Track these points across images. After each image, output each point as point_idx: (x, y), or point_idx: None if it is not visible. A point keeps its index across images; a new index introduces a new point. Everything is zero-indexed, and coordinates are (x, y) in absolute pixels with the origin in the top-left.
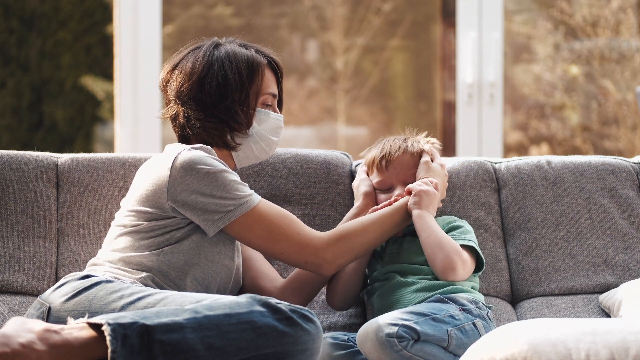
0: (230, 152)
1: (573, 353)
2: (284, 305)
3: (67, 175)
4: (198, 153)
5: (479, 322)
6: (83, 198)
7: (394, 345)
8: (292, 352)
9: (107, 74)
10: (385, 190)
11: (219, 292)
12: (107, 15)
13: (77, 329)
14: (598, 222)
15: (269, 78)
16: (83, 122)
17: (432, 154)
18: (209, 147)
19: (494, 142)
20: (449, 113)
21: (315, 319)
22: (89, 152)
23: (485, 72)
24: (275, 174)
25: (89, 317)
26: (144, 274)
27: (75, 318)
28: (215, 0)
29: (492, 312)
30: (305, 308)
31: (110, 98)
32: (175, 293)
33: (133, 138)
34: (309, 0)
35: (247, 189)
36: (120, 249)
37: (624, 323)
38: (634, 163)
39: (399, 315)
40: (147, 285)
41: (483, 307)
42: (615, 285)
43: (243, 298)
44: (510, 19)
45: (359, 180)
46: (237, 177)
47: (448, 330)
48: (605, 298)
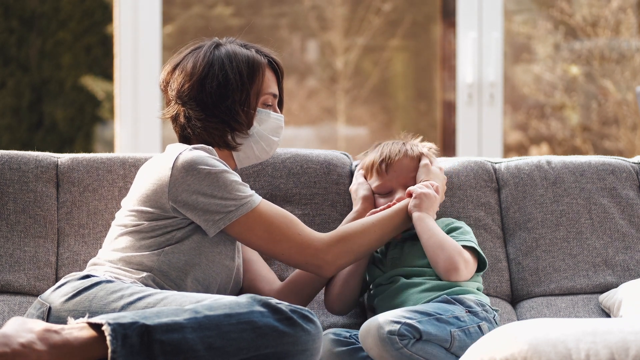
0: (231, 152)
1: (573, 353)
2: (284, 306)
3: (67, 175)
4: (199, 153)
5: (485, 325)
6: (83, 198)
7: (395, 343)
8: (292, 352)
9: (107, 74)
10: (385, 194)
11: (219, 292)
12: (107, 15)
13: (77, 329)
14: (598, 222)
15: (270, 78)
16: (83, 122)
17: (430, 158)
18: (210, 147)
19: (494, 142)
20: (449, 113)
21: (316, 319)
22: (89, 152)
23: (485, 72)
24: (275, 174)
25: (89, 317)
26: (145, 274)
27: (76, 318)
28: (215, 0)
29: (498, 315)
30: (306, 308)
31: (110, 98)
32: (176, 293)
33: (133, 138)
34: (309, 0)
35: (248, 190)
36: (121, 249)
37: (624, 323)
38: (634, 163)
39: (402, 314)
40: (147, 285)
41: (490, 310)
42: (615, 285)
43: (243, 298)
44: (510, 19)
45: (357, 184)
46: (238, 177)
47: (451, 332)
48: (605, 298)
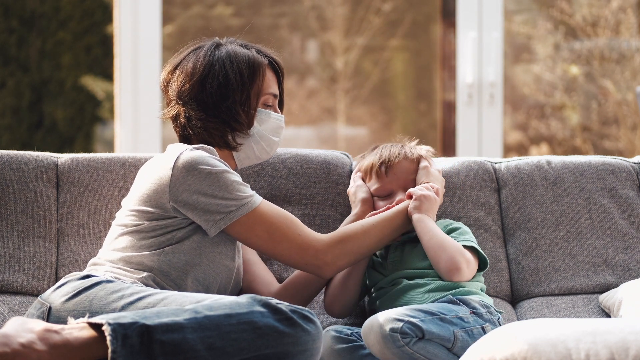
0: (232, 152)
1: (573, 353)
2: (285, 306)
3: (67, 175)
4: (200, 153)
5: (489, 327)
6: (83, 198)
7: (397, 341)
8: (292, 352)
9: (107, 74)
10: (384, 197)
11: (220, 292)
12: (107, 15)
13: (77, 329)
14: (598, 222)
15: (270, 78)
16: (83, 122)
17: (428, 160)
18: (211, 147)
19: (494, 142)
20: (449, 113)
21: (316, 320)
22: (89, 152)
23: (485, 72)
24: (275, 174)
25: (90, 317)
26: (145, 274)
27: (76, 318)
28: (215, 0)
29: (502, 318)
30: (306, 309)
31: (110, 98)
32: (176, 293)
33: (133, 138)
34: (309, 0)
35: (248, 190)
36: (121, 249)
37: (624, 323)
38: (634, 163)
39: (406, 312)
40: (147, 285)
41: (494, 312)
42: (615, 285)
43: (243, 298)
44: (510, 19)
45: (356, 187)
46: (238, 177)
47: (454, 332)
48: (605, 298)
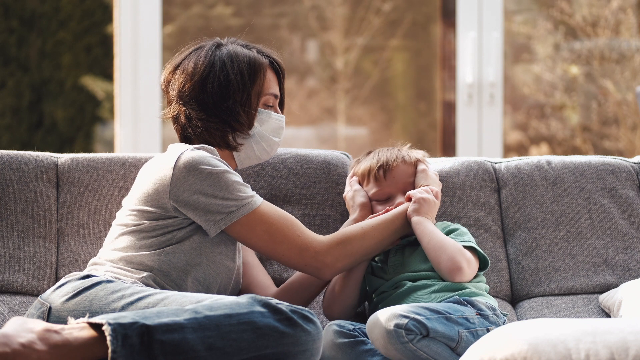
0: (232, 152)
1: (573, 353)
2: (285, 306)
3: (67, 175)
4: (201, 153)
5: (493, 329)
6: (83, 198)
7: (401, 337)
8: (292, 352)
9: (107, 74)
10: (383, 201)
11: (220, 292)
12: (107, 15)
13: (77, 329)
14: (598, 222)
15: (271, 79)
16: (83, 122)
17: (425, 163)
18: (212, 147)
19: (494, 142)
20: (449, 113)
21: (316, 320)
22: (89, 152)
23: (485, 72)
24: (275, 174)
25: (90, 317)
26: (145, 274)
27: (76, 318)
28: (215, 0)
29: (508, 321)
30: (306, 309)
31: (110, 98)
32: (176, 293)
33: (133, 138)
34: (309, 0)
35: (249, 190)
36: (122, 248)
37: (624, 323)
38: (634, 163)
39: (412, 309)
40: (148, 285)
41: (500, 315)
42: (615, 285)
43: (243, 298)
44: (510, 19)
45: (353, 191)
46: (239, 178)
47: (459, 332)
48: (605, 298)
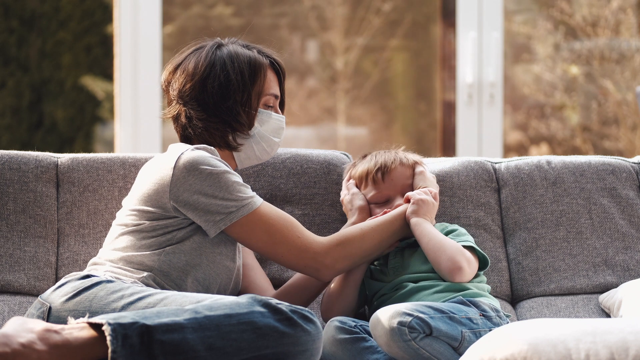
0: (232, 152)
1: (573, 353)
2: (285, 306)
3: (67, 175)
4: (201, 153)
5: None
6: (83, 198)
7: (404, 335)
8: (292, 352)
9: (107, 74)
10: (381, 204)
11: (219, 292)
12: (107, 15)
13: (77, 329)
14: (598, 222)
15: (271, 79)
16: (83, 122)
17: (422, 165)
18: (212, 147)
19: (494, 142)
20: (449, 113)
21: (316, 320)
22: (89, 152)
23: (485, 72)
24: (275, 174)
25: (90, 317)
26: (145, 274)
27: (76, 318)
28: (215, 0)
29: (510, 322)
30: (306, 309)
31: (110, 98)
32: (176, 293)
33: (133, 138)
34: (309, 0)
35: (249, 191)
36: (122, 248)
37: (624, 323)
38: (634, 163)
39: (416, 307)
40: (148, 285)
41: (503, 316)
42: (615, 285)
43: (243, 298)
44: (510, 19)
45: (351, 195)
46: (239, 178)
47: (462, 332)
48: (605, 298)
